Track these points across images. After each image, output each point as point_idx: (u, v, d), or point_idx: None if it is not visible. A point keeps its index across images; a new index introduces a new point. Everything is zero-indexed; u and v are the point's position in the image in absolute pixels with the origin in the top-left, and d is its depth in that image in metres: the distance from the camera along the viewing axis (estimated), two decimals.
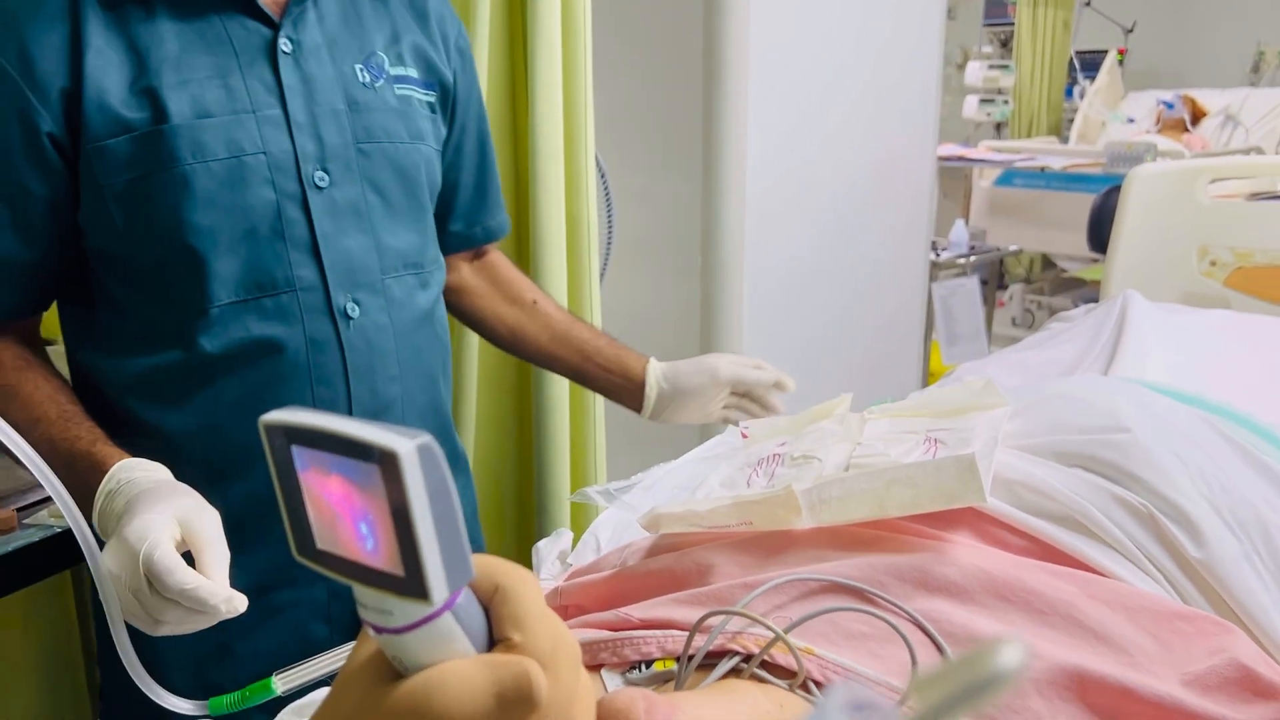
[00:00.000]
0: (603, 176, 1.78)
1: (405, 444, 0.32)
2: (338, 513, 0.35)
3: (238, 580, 0.97)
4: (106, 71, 0.95)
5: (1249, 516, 0.70)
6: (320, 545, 0.36)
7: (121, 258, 1.01)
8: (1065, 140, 4.89)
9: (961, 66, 4.85)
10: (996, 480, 0.69)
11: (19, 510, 1.20)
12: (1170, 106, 4.46)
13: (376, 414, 1.06)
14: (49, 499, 1.26)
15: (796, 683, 0.52)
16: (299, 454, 0.35)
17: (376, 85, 1.07)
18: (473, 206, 1.27)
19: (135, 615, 0.81)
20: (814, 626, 0.59)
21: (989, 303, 3.61)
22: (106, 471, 0.89)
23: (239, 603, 0.79)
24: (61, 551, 1.16)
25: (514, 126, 1.56)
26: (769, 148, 1.92)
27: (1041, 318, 3.83)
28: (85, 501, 0.85)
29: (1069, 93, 5.24)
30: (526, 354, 1.31)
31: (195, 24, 0.98)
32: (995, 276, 3.73)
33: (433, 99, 1.14)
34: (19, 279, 1.02)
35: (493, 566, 0.39)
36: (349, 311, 1.04)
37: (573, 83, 1.52)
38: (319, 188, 1.02)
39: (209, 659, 1.06)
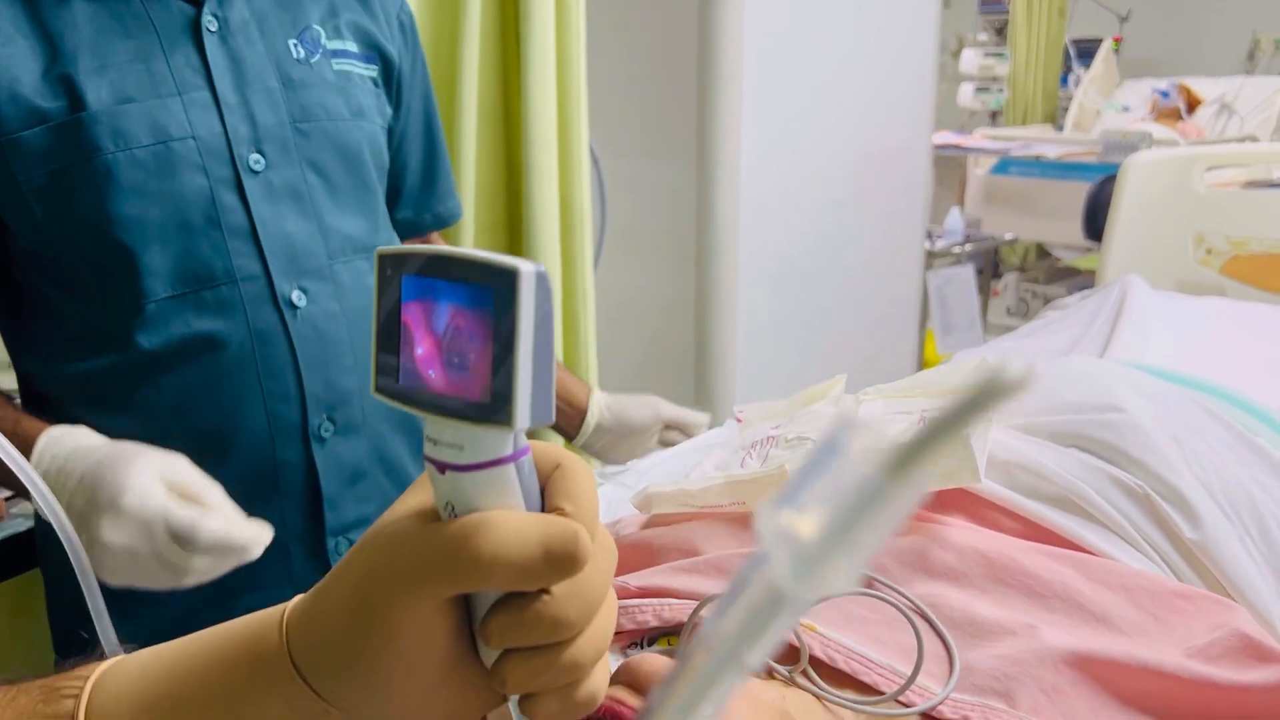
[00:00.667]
0: (596, 164, 1.77)
1: (526, 265, 0.34)
2: (434, 342, 0.36)
3: (197, 588, 0.92)
4: (16, 60, 0.89)
5: (1241, 499, 0.70)
6: (402, 381, 0.37)
7: (48, 257, 0.95)
8: (1060, 128, 4.88)
9: (956, 54, 4.84)
10: (991, 462, 0.69)
11: (6, 500, 1.20)
12: (1165, 95, 4.45)
13: (332, 407, 1.02)
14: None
15: (798, 668, 0.52)
16: (409, 283, 0.36)
17: (313, 61, 1.01)
18: (421, 191, 1.21)
19: (154, 576, 0.79)
20: (815, 608, 0.58)
21: (984, 292, 3.61)
22: (33, 449, 0.85)
23: (266, 533, 0.79)
24: (34, 547, 1.15)
25: (507, 115, 1.55)
26: (763, 135, 1.92)
27: (1036, 306, 3.83)
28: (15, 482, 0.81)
29: (1064, 81, 5.23)
30: None
31: (111, 5, 0.92)
32: (990, 265, 3.73)
33: (374, 74, 1.08)
34: None
35: (559, 450, 0.41)
36: (295, 301, 0.99)
37: (567, 71, 1.51)
38: (254, 171, 0.97)
39: None
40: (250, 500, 0.95)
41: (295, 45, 1.01)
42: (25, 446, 0.86)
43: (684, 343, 1.96)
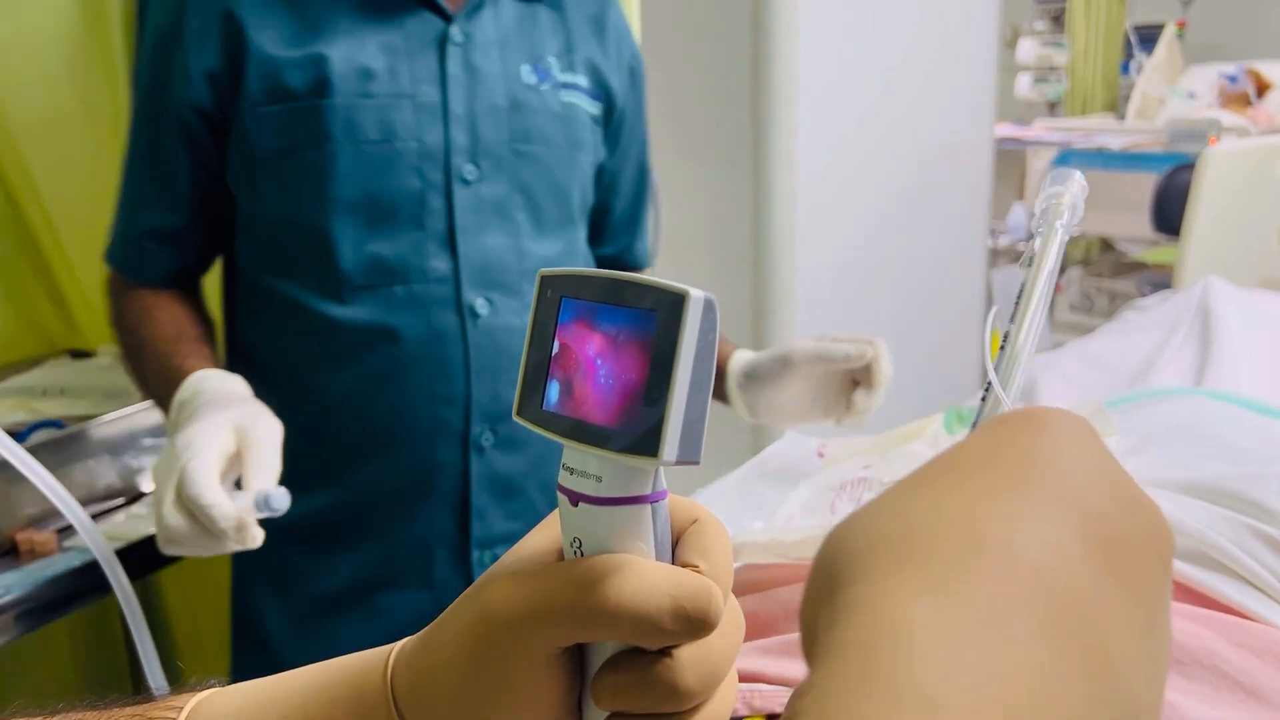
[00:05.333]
0: (648, 170, 1.72)
1: (696, 290, 0.33)
2: (586, 366, 0.35)
3: (341, 574, 1.06)
4: (275, 41, 0.97)
5: None
6: (547, 405, 0.36)
7: (263, 235, 1.03)
8: (1122, 118, 4.74)
9: (1012, 44, 4.72)
10: None
11: (59, 533, 1.17)
12: (1233, 80, 4.29)
13: (496, 418, 1.04)
14: (95, 517, 1.23)
15: None
16: (568, 306, 0.35)
17: (542, 88, 1.05)
18: (625, 230, 1.25)
19: (157, 526, 0.81)
20: None
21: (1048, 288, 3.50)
22: (183, 381, 0.91)
23: (251, 535, 0.78)
24: (102, 576, 1.13)
25: None
26: (820, 136, 1.86)
27: (1101, 302, 3.70)
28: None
29: (1125, 68, 5.08)
30: None
31: (371, 7, 0.99)
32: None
33: (597, 111, 1.12)
34: (169, 247, 1.06)
35: (697, 506, 0.39)
36: (478, 308, 1.02)
37: None
38: (466, 181, 1.01)
39: (315, 656, 1.04)
40: (402, 496, 1.05)
41: (528, 70, 1.05)
42: (178, 380, 0.92)
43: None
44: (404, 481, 1.04)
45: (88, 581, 1.13)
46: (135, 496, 1.33)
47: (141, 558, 1.20)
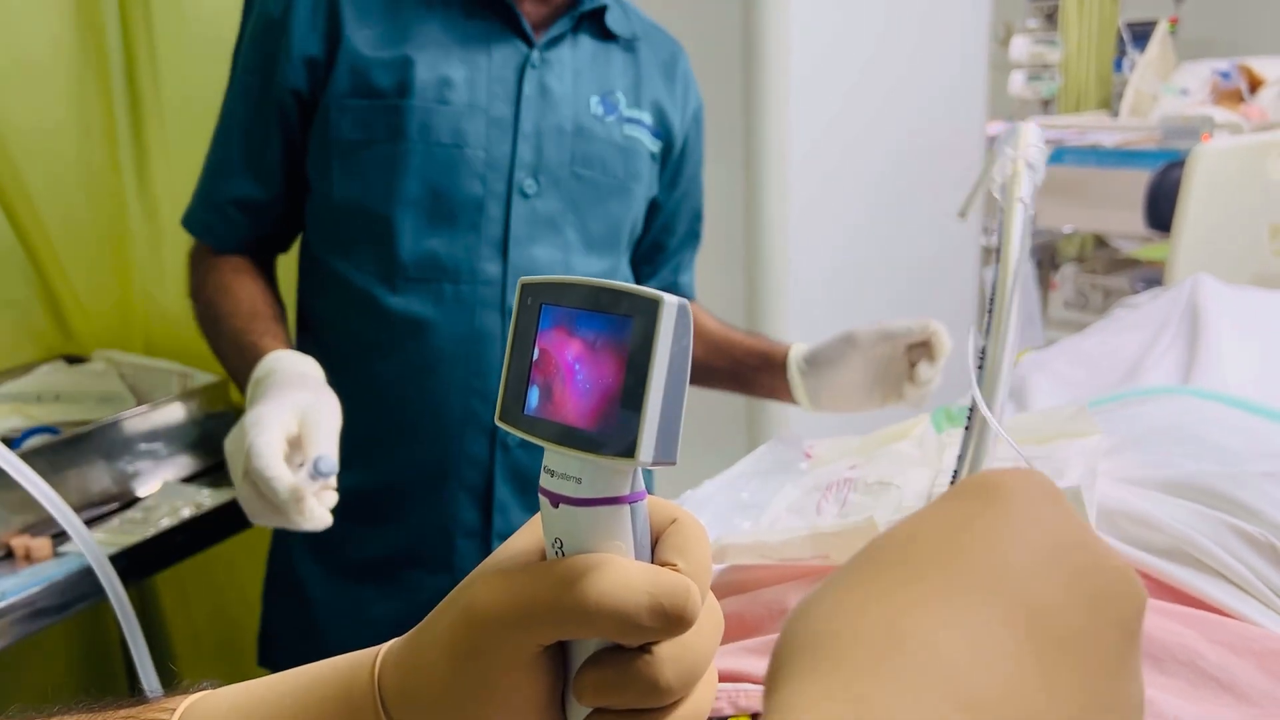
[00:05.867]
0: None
1: (669, 296, 0.34)
2: (565, 371, 0.36)
3: (371, 548, 1.13)
4: (370, 41, 1.04)
5: None
6: (528, 410, 0.37)
7: (331, 219, 1.09)
8: (1116, 115, 4.75)
9: (1005, 42, 4.72)
10: (1097, 511, 0.63)
11: (54, 538, 1.18)
12: (1226, 76, 4.30)
13: None
14: (89, 522, 1.23)
15: None
16: (548, 313, 0.36)
17: (607, 120, 1.12)
18: (674, 269, 1.32)
19: (240, 498, 0.87)
20: None
21: (1042, 285, 3.50)
22: (260, 360, 0.96)
23: (309, 508, 0.82)
24: (98, 580, 1.13)
25: None
26: (812, 134, 1.86)
27: (1095, 298, 3.71)
28: (245, 388, 0.97)
29: (1118, 65, 5.09)
30: None
31: (463, 25, 1.07)
32: (1048, 258, 3.63)
33: (657, 149, 1.19)
34: (251, 216, 1.12)
35: (675, 507, 0.40)
36: None
37: None
38: (525, 194, 1.07)
39: (341, 619, 1.16)
40: (430, 483, 1.12)
41: (596, 102, 1.12)
42: (255, 358, 0.98)
43: None
44: (433, 469, 1.10)
45: (84, 587, 1.13)
46: (130, 502, 1.33)
47: (137, 563, 1.20)
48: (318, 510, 0.84)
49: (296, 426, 0.86)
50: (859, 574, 0.28)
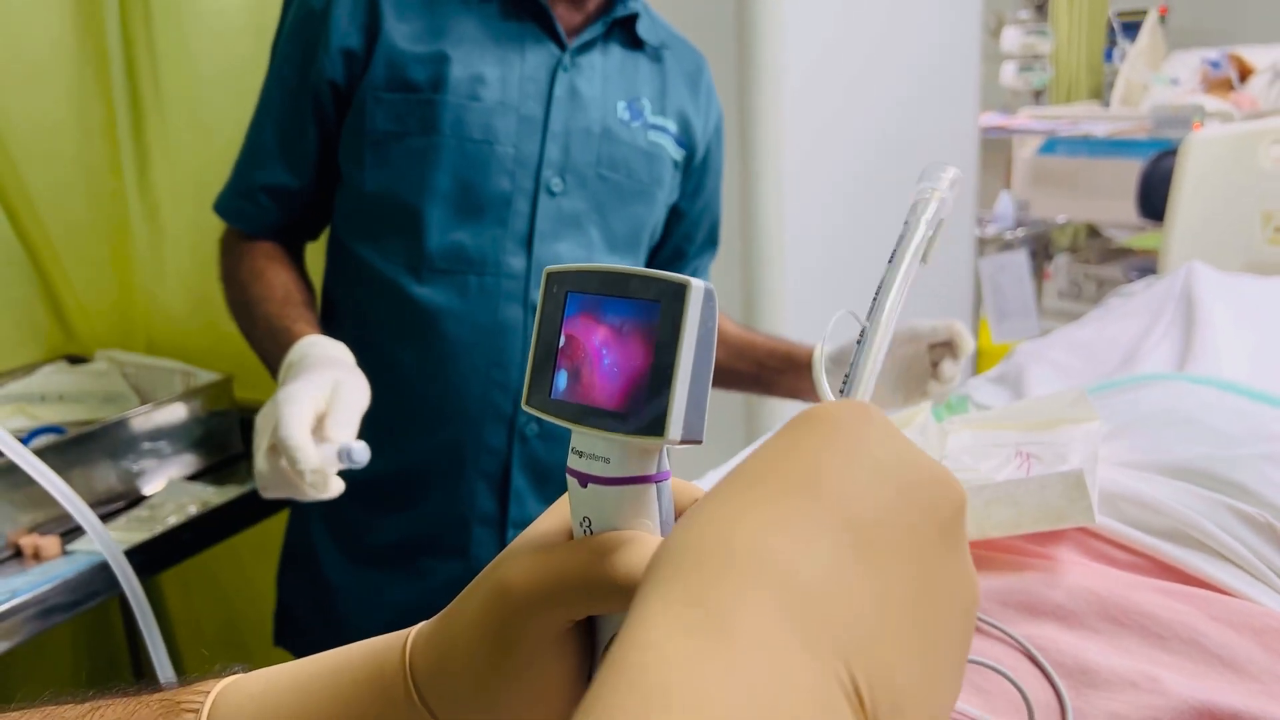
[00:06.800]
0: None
1: (696, 280, 0.34)
2: (592, 356, 0.36)
3: (387, 533, 1.16)
4: (406, 36, 1.06)
5: None
6: (555, 394, 0.38)
7: (361, 207, 1.12)
8: (1107, 105, 4.76)
9: (996, 33, 4.73)
10: (1099, 495, 0.64)
11: (63, 536, 1.18)
12: (1216, 65, 4.32)
13: None
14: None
15: None
16: (574, 300, 0.37)
17: (633, 125, 1.15)
18: (693, 274, 1.32)
19: (257, 470, 0.89)
20: None
21: (1036, 275, 3.52)
22: (294, 344, 0.99)
23: (328, 482, 0.86)
24: (108, 578, 1.14)
25: None
26: (806, 126, 1.87)
27: (1089, 288, 3.73)
28: (276, 370, 1.00)
29: (1109, 55, 5.10)
30: None
31: (498, 25, 1.09)
32: (1042, 249, 3.64)
33: (680, 157, 1.21)
34: (282, 204, 1.15)
35: (697, 488, 0.41)
36: None
37: None
38: (552, 192, 1.10)
39: (357, 602, 1.19)
40: (448, 471, 1.14)
41: (624, 107, 1.15)
42: (289, 342, 1.01)
43: None
44: (451, 457, 1.13)
45: (93, 584, 1.14)
46: (136, 500, 1.34)
47: (144, 561, 1.21)
48: (334, 482, 0.87)
49: (325, 403, 0.89)
50: (710, 496, 0.31)
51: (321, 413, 0.88)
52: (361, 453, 0.86)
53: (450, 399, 1.12)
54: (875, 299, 0.40)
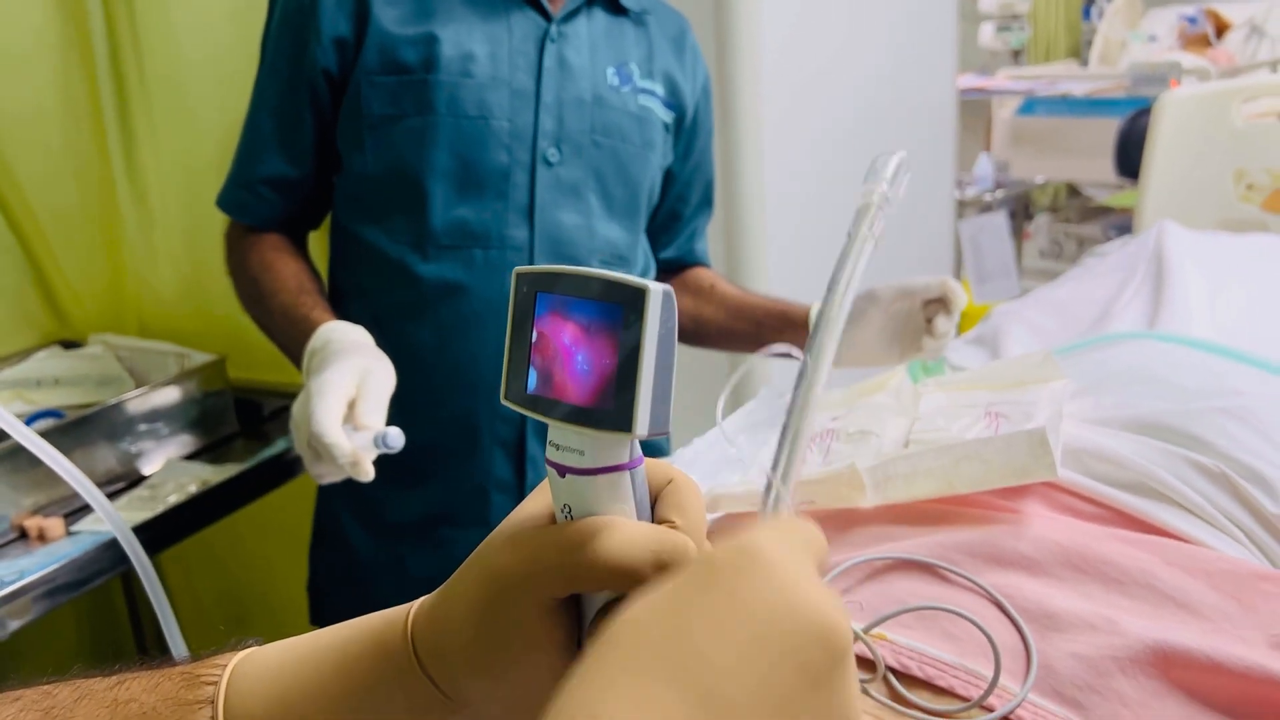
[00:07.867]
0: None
1: (655, 285, 0.37)
2: (562, 354, 0.39)
3: (411, 508, 1.20)
4: (395, 19, 1.08)
5: None
6: (531, 389, 0.40)
7: (361, 191, 1.14)
8: (1085, 64, 4.78)
9: None
10: (1063, 450, 0.68)
11: (66, 517, 1.21)
12: (1193, 21, 4.34)
13: None
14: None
15: (875, 678, 0.51)
16: (543, 300, 0.40)
17: (622, 90, 1.18)
18: (689, 236, 1.37)
19: (304, 457, 0.93)
20: (883, 609, 0.58)
21: (1015, 235, 3.55)
22: (314, 332, 1.02)
23: (363, 469, 0.90)
24: (113, 557, 1.17)
25: None
26: (784, 91, 1.89)
27: (1070, 247, 3.76)
28: (298, 359, 1.03)
29: (1086, 14, 5.11)
30: (707, 337, 1.35)
31: (483, 2, 1.11)
32: (1022, 209, 3.67)
33: (669, 120, 1.24)
34: (283, 194, 1.17)
35: (671, 467, 0.44)
36: None
37: None
38: (549, 162, 1.12)
39: (385, 575, 1.23)
40: (465, 442, 1.18)
41: (612, 73, 1.17)
42: (310, 330, 1.03)
43: None
44: (467, 427, 1.16)
45: (99, 563, 1.17)
46: (136, 480, 1.37)
47: (148, 539, 1.24)
48: (369, 469, 0.91)
49: (355, 389, 0.92)
50: (584, 666, 0.32)
51: (352, 399, 0.91)
52: (397, 438, 0.89)
53: (463, 371, 1.14)
54: (813, 337, 0.44)
